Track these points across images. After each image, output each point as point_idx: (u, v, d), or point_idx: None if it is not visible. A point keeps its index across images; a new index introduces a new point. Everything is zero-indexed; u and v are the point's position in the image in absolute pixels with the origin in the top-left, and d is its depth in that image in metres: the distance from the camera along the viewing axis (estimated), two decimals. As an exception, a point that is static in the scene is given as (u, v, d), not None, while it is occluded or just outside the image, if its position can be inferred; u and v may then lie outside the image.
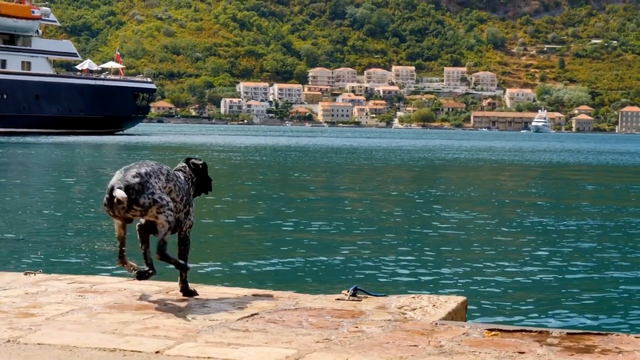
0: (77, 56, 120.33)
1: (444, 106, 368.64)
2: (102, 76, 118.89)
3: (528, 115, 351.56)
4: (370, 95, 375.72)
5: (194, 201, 6.45)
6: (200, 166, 6.60)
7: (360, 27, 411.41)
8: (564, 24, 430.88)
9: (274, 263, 15.90)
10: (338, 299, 6.43)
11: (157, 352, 4.78)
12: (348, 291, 6.56)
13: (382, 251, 17.47)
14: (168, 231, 6.06)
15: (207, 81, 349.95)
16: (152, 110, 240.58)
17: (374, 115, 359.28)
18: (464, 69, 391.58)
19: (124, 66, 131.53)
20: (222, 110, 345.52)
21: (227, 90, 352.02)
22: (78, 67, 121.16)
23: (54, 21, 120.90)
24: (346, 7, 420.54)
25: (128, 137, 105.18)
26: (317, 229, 21.12)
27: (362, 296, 6.52)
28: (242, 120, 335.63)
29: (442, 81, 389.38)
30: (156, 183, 5.90)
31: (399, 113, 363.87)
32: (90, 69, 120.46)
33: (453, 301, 6.34)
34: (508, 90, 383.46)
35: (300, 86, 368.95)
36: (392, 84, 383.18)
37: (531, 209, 27.35)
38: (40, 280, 7.10)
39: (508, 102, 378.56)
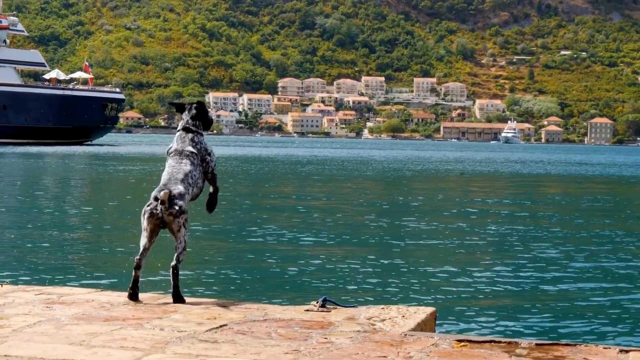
0: (45, 66, 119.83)
1: (414, 117, 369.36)
2: (71, 86, 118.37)
3: (497, 126, 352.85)
4: (339, 105, 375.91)
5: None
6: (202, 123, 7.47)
7: (329, 38, 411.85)
8: (533, 35, 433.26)
9: (243, 274, 15.86)
10: (307, 310, 6.41)
11: (125, 364, 4.73)
12: (317, 302, 6.55)
13: (352, 262, 17.47)
14: (184, 251, 6.83)
15: (176, 91, 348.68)
16: (121, 120, 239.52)
17: (344, 125, 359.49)
18: (434, 80, 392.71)
19: (93, 76, 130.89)
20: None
21: (197, 100, 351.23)
22: (46, 77, 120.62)
23: (22, 31, 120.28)
24: (316, 18, 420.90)
25: (97, 148, 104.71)
26: (287, 240, 21.10)
27: (331, 307, 6.51)
28: (212, 130, 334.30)
29: (412, 92, 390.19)
30: (193, 192, 6.68)
31: (369, 124, 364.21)
32: (58, 79, 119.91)
33: (422, 312, 6.32)
34: (478, 101, 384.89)
35: (269, 96, 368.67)
36: (362, 95, 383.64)
37: (500, 219, 27.45)
38: (7, 291, 7.04)
39: (478, 113, 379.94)
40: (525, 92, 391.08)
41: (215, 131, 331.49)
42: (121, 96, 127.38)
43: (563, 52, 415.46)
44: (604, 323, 12.61)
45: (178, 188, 6.61)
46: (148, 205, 6.54)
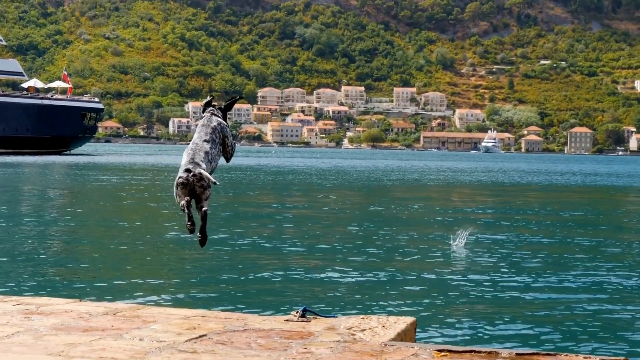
0: (24, 75, 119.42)
1: (394, 126, 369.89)
2: (49, 96, 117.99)
3: (477, 135, 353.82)
4: (319, 115, 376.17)
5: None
6: (223, 106, 7.91)
7: (309, 48, 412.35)
8: (513, 45, 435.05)
9: (223, 283, 15.80)
10: (287, 320, 6.39)
11: (104, 375, 4.63)
12: (297, 312, 6.54)
13: (332, 272, 17.43)
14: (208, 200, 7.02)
15: (156, 101, 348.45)
16: (100, 130, 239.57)
17: (324, 135, 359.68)
18: (414, 90, 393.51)
19: (72, 86, 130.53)
20: (171, 130, 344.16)
21: (176, 110, 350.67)
22: (24, 86, 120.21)
23: (0, 40, 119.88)
24: (295, 28, 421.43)
25: (75, 157, 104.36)
26: (266, 250, 21.05)
27: (311, 317, 6.50)
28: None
29: (392, 101, 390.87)
30: (213, 167, 7.08)
31: (349, 133, 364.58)
32: (36, 87, 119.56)
33: (402, 322, 6.31)
34: (457, 110, 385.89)
35: (249, 106, 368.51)
36: (342, 104, 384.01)
37: (480, 228, 27.47)
38: (-16, 302, 6.97)
39: (457, 123, 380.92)
40: (505, 102, 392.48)
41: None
42: (100, 106, 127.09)
43: (543, 62, 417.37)
44: (585, 333, 12.62)
45: (202, 165, 6.93)
46: (179, 177, 6.78)
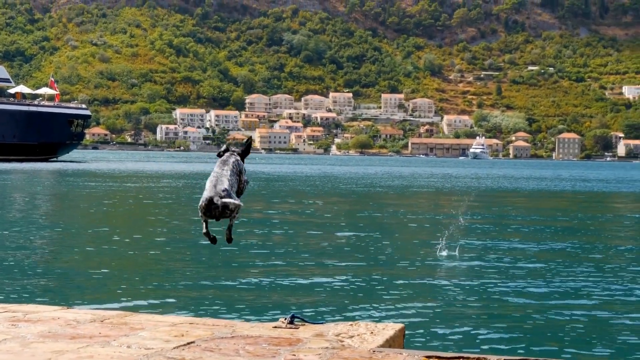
0: (10, 82, 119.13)
1: (382, 133, 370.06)
2: (36, 102, 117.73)
3: (466, 141, 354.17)
4: (307, 122, 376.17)
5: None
6: (243, 151, 7.92)
7: (297, 54, 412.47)
8: (501, 51, 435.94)
9: (211, 290, 15.77)
10: (275, 327, 6.38)
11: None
12: (285, 319, 6.54)
13: (320, 278, 17.41)
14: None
15: (143, 107, 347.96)
16: (87, 136, 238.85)
17: (312, 142, 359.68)
18: (402, 96, 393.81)
19: (58, 92, 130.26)
20: (159, 136, 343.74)
21: (163, 116, 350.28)
22: (11, 91, 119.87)
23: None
24: (283, 34, 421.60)
25: (62, 164, 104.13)
26: (255, 256, 21.01)
27: (300, 324, 6.49)
28: (179, 147, 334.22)
29: (380, 108, 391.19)
30: (234, 192, 7.27)
31: (337, 140, 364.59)
32: (23, 93, 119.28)
33: (391, 328, 6.29)
34: (445, 116, 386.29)
35: (237, 113, 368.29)
36: (330, 111, 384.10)
37: (468, 234, 27.49)
38: (-30, 310, 6.94)
39: (446, 129, 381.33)
40: (493, 108, 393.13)
41: (182, 147, 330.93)
42: (87, 112, 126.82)
43: (530, 68, 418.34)
44: (574, 338, 12.63)
45: (225, 185, 7.23)
46: (203, 202, 7.04)
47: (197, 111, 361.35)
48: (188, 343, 5.75)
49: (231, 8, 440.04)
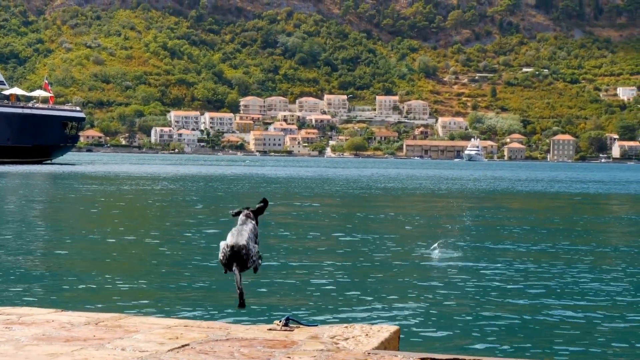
0: (4, 84, 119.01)
1: (377, 135, 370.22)
2: (30, 104, 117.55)
3: (460, 143, 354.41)
4: (302, 124, 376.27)
5: None
6: (257, 211, 8.15)
7: (292, 56, 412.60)
8: (495, 53, 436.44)
9: (205, 293, 15.74)
10: (270, 329, 6.36)
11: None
12: (280, 321, 6.54)
13: (315, 280, 17.39)
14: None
15: (138, 110, 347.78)
16: (82, 139, 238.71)
17: (306, 144, 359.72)
18: (396, 98, 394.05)
19: (53, 94, 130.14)
20: (153, 139, 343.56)
21: (158, 119, 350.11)
22: (6, 93, 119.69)
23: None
24: (277, 36, 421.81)
25: (57, 167, 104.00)
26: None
27: (295, 326, 6.49)
28: (173, 149, 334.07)
29: (374, 110, 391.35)
30: (253, 247, 7.26)
31: (332, 142, 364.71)
32: (17, 95, 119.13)
33: (386, 330, 6.28)
34: (440, 118, 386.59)
35: (231, 115, 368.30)
36: (324, 113, 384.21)
37: (463, 236, 27.49)
38: (-36, 312, 6.91)
39: (440, 131, 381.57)
40: (487, 110, 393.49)
41: (176, 150, 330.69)
42: (82, 115, 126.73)
43: (525, 69, 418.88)
44: (569, 340, 12.62)
45: (244, 239, 7.21)
46: (222, 252, 7.06)
47: (192, 113, 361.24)
48: (183, 346, 5.74)
49: (225, 10, 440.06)
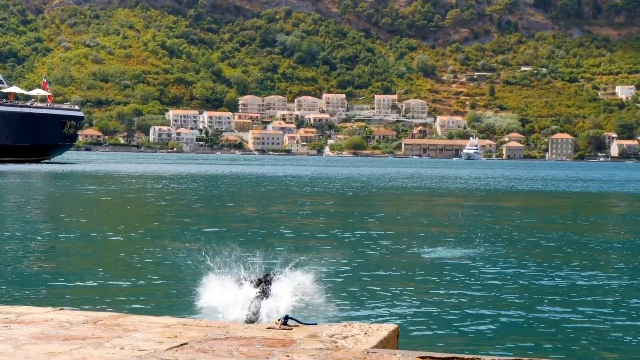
0: (3, 83, 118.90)
1: (375, 134, 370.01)
2: (29, 103, 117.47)
3: (459, 142, 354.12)
4: (300, 123, 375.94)
5: None
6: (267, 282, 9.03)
7: (290, 55, 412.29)
8: (494, 52, 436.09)
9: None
10: (269, 328, 6.36)
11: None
12: (279, 320, 6.54)
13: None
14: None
15: (136, 109, 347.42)
16: (80, 138, 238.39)
17: (305, 143, 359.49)
18: (395, 97, 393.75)
19: (51, 93, 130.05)
20: (151, 138, 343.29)
21: (157, 118, 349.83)
22: (5, 91, 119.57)
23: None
24: (276, 35, 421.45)
25: (55, 166, 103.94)
26: (247, 257, 20.94)
27: (293, 325, 6.49)
28: (172, 148, 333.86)
29: (373, 109, 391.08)
30: (255, 306, 8.26)
31: (330, 141, 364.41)
32: (15, 94, 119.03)
33: (385, 329, 6.28)
34: (439, 117, 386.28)
35: (230, 114, 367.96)
36: (323, 112, 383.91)
37: (462, 236, 27.49)
38: (-37, 311, 6.91)
39: (439, 130, 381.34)
40: (486, 109, 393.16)
41: (175, 149, 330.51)
42: (80, 114, 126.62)
43: (523, 68, 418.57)
44: (567, 339, 12.62)
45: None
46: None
47: (190, 112, 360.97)
48: (181, 344, 5.74)
49: (224, 9, 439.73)
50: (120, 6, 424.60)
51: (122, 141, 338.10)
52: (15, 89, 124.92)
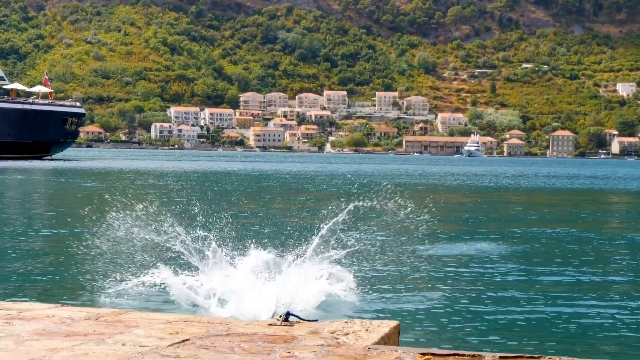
0: (5, 80, 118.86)
1: (376, 131, 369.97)
2: (30, 100, 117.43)
3: (460, 139, 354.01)
4: (302, 120, 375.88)
5: None
6: None
7: (291, 52, 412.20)
8: (495, 49, 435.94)
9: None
10: (270, 324, 6.36)
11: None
12: (280, 316, 6.54)
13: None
14: None
15: (137, 106, 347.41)
16: (81, 135, 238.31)
17: (306, 140, 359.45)
18: (396, 94, 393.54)
19: (53, 90, 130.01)
20: (153, 134, 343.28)
21: (158, 114, 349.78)
22: (7, 87, 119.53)
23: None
24: (277, 32, 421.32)
25: (57, 162, 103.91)
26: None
27: (295, 321, 6.49)
28: (173, 145, 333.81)
29: (374, 106, 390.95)
30: None
31: (331, 138, 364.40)
32: (17, 90, 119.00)
33: (386, 326, 6.28)
34: (440, 114, 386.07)
35: (231, 111, 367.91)
36: (324, 109, 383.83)
37: (463, 234, 27.48)
38: (-35, 307, 6.92)
39: (440, 127, 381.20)
40: (487, 106, 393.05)
41: (176, 146, 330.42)
42: (81, 110, 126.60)
43: (524, 65, 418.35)
44: (569, 335, 12.62)
45: None
46: None
47: (192, 109, 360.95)
48: (183, 341, 5.75)
49: (225, 6, 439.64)
50: (121, 3, 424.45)
51: (124, 138, 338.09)
52: (16, 86, 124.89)
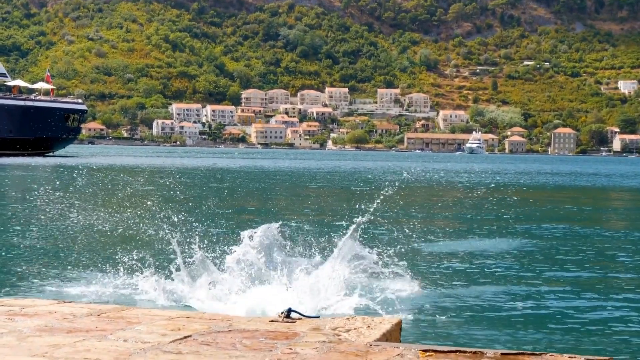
0: (7, 76, 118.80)
1: (378, 128, 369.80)
2: (32, 97, 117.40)
3: (461, 136, 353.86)
4: (303, 116, 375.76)
5: None
6: None
7: (293, 49, 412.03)
8: (497, 46, 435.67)
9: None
10: (272, 321, 6.36)
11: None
12: (282, 313, 6.54)
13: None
14: None
15: (139, 102, 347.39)
16: (83, 131, 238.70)
17: (308, 136, 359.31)
18: (397, 91, 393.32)
19: (55, 87, 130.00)
20: (155, 131, 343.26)
21: (160, 111, 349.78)
22: (9, 84, 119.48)
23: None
24: (279, 29, 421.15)
25: (59, 159, 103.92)
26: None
27: (296, 318, 6.49)
28: (175, 141, 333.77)
29: (376, 103, 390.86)
30: None
31: (333, 135, 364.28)
32: (19, 87, 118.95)
33: (387, 322, 6.27)
34: (441, 111, 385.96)
35: (233, 108, 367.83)
36: (326, 106, 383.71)
37: (465, 230, 27.48)
38: (-33, 304, 6.93)
39: (441, 124, 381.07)
40: (488, 103, 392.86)
41: (178, 142, 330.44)
42: (83, 107, 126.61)
43: (526, 63, 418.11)
44: (570, 332, 12.62)
45: None
46: None
47: (193, 106, 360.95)
48: (185, 337, 5.75)
49: (227, 3, 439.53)
50: (123, 0, 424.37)
51: (126, 135, 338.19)
52: (18, 82, 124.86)
